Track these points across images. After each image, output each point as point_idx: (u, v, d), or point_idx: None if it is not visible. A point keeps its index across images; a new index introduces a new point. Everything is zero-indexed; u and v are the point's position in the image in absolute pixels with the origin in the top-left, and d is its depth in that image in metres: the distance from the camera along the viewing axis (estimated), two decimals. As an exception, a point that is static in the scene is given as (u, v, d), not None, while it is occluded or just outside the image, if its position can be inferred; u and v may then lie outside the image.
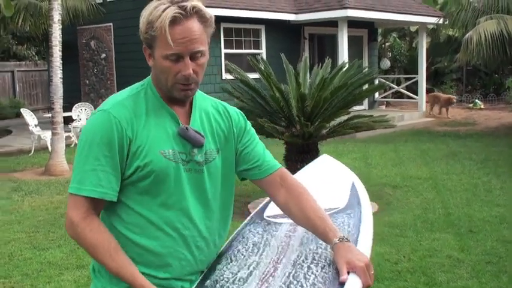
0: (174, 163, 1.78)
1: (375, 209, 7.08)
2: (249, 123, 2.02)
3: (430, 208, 6.94)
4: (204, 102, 1.95)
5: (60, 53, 9.57)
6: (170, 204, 1.79)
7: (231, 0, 13.40)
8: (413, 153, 10.71)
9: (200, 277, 1.88)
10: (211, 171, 1.87)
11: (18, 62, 21.29)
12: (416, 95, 16.78)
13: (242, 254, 1.94)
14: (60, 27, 9.60)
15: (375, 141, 12.21)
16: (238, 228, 2.19)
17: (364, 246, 1.87)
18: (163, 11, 1.68)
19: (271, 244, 1.99)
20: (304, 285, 1.68)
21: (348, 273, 1.68)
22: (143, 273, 1.76)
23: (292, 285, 1.69)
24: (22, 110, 12.34)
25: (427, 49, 17.51)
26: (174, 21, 1.69)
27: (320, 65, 7.51)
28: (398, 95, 18.95)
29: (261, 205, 2.46)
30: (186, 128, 1.81)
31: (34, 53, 21.45)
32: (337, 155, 10.38)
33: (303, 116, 6.47)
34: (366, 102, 16.62)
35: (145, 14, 1.73)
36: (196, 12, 1.72)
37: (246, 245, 2.03)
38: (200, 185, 1.84)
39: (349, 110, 6.78)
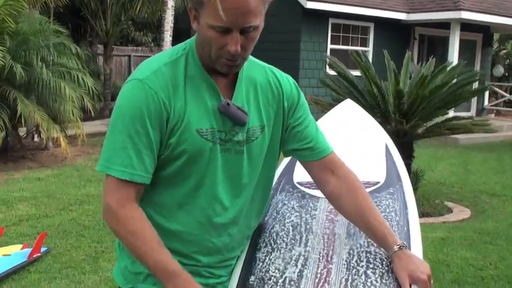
0: (211, 143, 1.59)
1: (468, 215, 6.87)
2: (302, 96, 1.78)
3: (528, 219, 6.63)
4: (252, 71, 1.69)
5: (171, 38, 9.98)
6: (201, 189, 1.62)
7: (342, -4, 13.36)
8: (518, 164, 10.23)
9: (240, 268, 1.73)
10: (252, 152, 1.67)
11: (135, 48, 22.36)
12: (530, 105, 15.94)
13: (283, 241, 1.78)
14: (173, 13, 10.01)
15: (477, 149, 11.76)
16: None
17: (418, 247, 1.78)
18: None
19: (314, 230, 1.83)
20: None
21: (410, 285, 1.60)
22: None
23: None
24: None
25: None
26: None
27: (424, 64, 7.37)
28: (511, 105, 18.06)
29: (287, 160, 2.21)
30: (228, 104, 1.59)
31: (150, 40, 22.44)
32: (436, 159, 10.14)
33: (399, 113, 6.40)
34: (473, 108, 15.99)
35: None
36: None
37: (284, 226, 1.86)
38: (237, 168, 1.65)
39: (454, 114, 6.61)
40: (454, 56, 13.44)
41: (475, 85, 8.62)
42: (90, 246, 4.93)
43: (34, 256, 4.48)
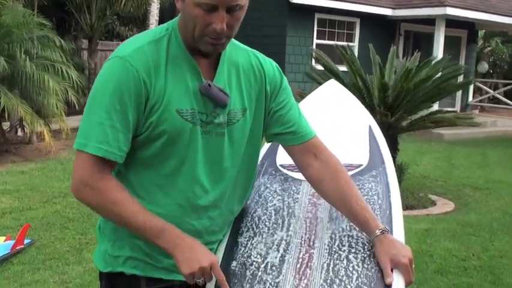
0: (191, 124, 1.57)
1: (451, 208, 6.93)
2: (285, 80, 1.77)
3: (510, 212, 6.69)
4: (234, 54, 1.68)
5: (156, 32, 9.93)
6: (181, 170, 1.60)
7: (328, -9, 13.39)
8: (501, 158, 10.31)
9: (222, 253, 1.71)
10: (233, 135, 1.65)
11: (120, 42, 22.19)
12: (514, 101, 16.09)
13: (265, 225, 1.77)
14: (158, 6, 9.98)
15: (462, 144, 11.85)
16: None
17: (400, 230, 1.78)
18: None
19: (296, 214, 1.83)
20: (349, 286, 1.55)
21: (392, 270, 1.60)
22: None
23: (335, 285, 1.55)
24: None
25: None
26: None
27: (409, 58, 7.41)
28: (495, 101, 18.22)
29: (268, 145, 2.19)
30: (209, 85, 1.58)
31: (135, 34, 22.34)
32: (420, 154, 10.21)
33: (384, 105, 6.43)
34: (458, 105, 16.10)
35: None
36: None
37: (266, 210, 1.85)
38: (218, 150, 1.63)
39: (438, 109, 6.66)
40: (439, 51, 13.51)
41: (460, 80, 8.69)
42: (74, 238, 4.91)
43: (17, 248, 4.45)
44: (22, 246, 4.51)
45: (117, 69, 1.53)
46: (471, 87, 16.59)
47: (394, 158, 6.88)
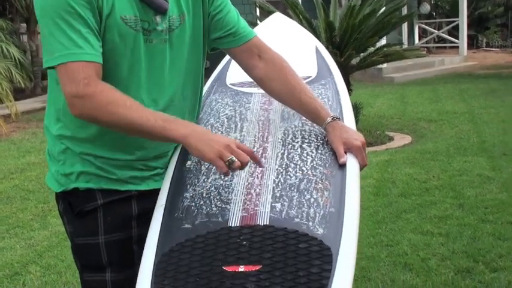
0: (134, 31, 1.56)
1: (408, 140, 7.08)
2: None
3: (465, 138, 6.87)
4: None
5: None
6: (126, 81, 1.58)
7: None
8: (451, 92, 10.54)
9: (177, 156, 1.71)
10: (173, 41, 1.64)
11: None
12: (458, 40, 16.37)
13: (218, 130, 1.79)
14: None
15: (413, 84, 12.04)
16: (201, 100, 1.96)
17: (350, 122, 1.81)
18: None
19: (249, 119, 1.85)
20: (304, 168, 1.58)
21: (345, 152, 1.63)
22: (100, 156, 1.62)
23: (290, 169, 1.58)
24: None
25: (469, -7, 17.01)
26: None
27: None
28: (440, 42, 18.52)
29: (218, 69, 2.24)
30: None
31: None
32: (373, 97, 10.34)
33: (332, 46, 6.46)
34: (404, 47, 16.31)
35: None
36: None
37: (219, 119, 1.86)
38: (161, 58, 1.63)
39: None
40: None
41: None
42: (36, 207, 4.82)
43: (-22, 222, 4.36)
44: (-17, 219, 4.42)
45: None
46: (416, 30, 16.82)
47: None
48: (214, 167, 1.55)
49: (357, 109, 7.15)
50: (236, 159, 1.45)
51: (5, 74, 8.10)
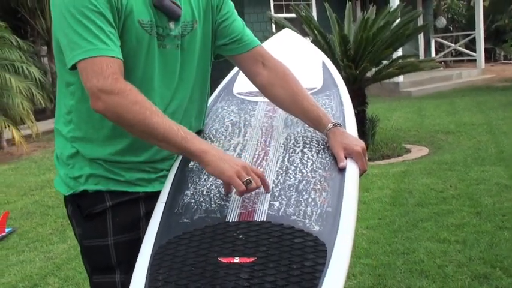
0: (149, 36, 1.61)
1: (426, 152, 7.05)
2: None
3: (483, 148, 6.83)
4: None
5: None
6: (139, 84, 1.58)
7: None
8: (469, 105, 10.48)
9: (178, 162, 1.73)
10: (186, 46, 1.70)
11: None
12: (475, 53, 16.30)
13: (222, 135, 1.84)
14: None
15: (431, 98, 12.00)
16: (207, 106, 2.02)
17: (353, 132, 1.84)
18: None
19: (253, 125, 1.89)
20: (304, 170, 1.61)
21: (346, 158, 1.65)
22: (109, 159, 1.65)
23: (290, 171, 1.61)
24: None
25: (486, 6, 16.95)
26: None
27: (366, 12, 7.49)
28: (458, 56, 18.44)
29: (226, 79, 2.31)
30: None
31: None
32: (390, 110, 10.32)
33: (347, 59, 6.49)
34: (422, 62, 16.28)
35: None
36: None
37: (223, 124, 1.92)
38: (173, 63, 1.68)
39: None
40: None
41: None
42: (55, 221, 4.89)
43: (-2, 236, 4.43)
44: (4, 234, 4.49)
45: None
46: (433, 44, 16.79)
47: (363, 111, 6.97)
48: None
49: (373, 122, 7.16)
50: (253, 181, 1.47)
51: (26, 94, 8.24)
